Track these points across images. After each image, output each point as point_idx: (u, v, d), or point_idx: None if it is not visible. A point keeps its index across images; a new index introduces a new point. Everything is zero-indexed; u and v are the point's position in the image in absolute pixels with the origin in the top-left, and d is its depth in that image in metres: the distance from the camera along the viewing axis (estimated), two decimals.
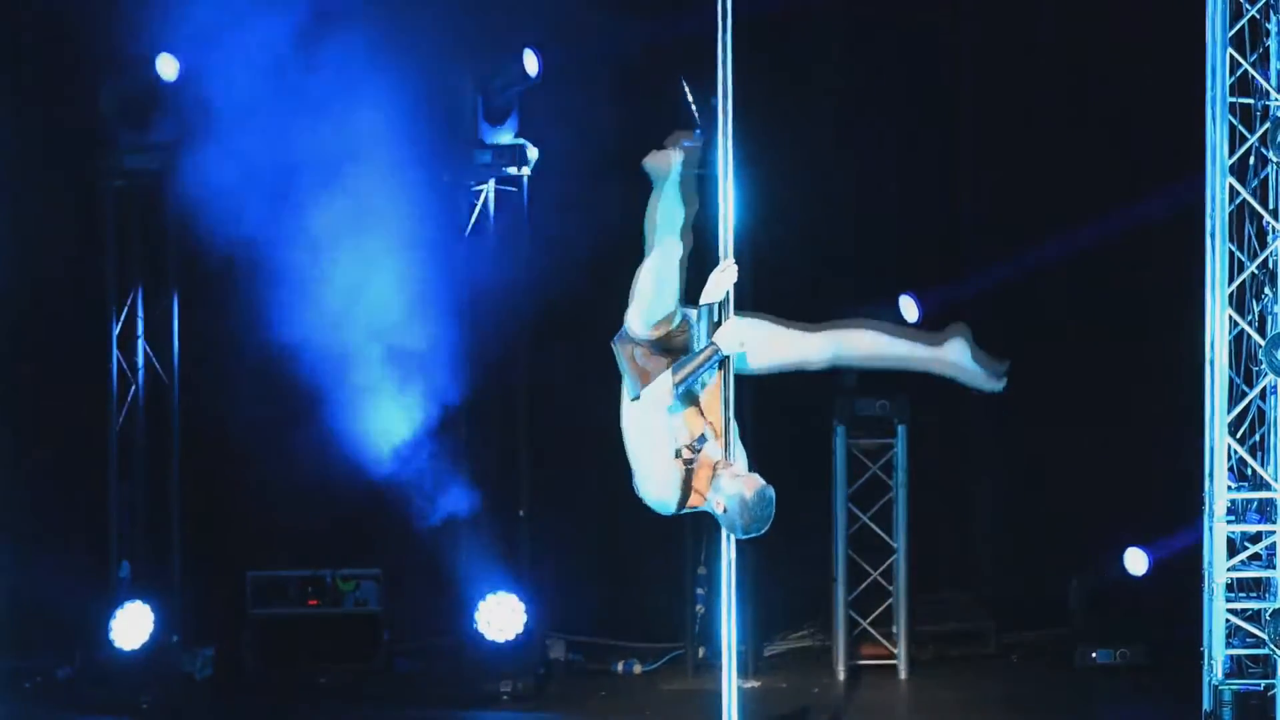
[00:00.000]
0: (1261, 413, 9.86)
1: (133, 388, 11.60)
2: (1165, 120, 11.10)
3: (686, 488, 6.60)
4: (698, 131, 7.27)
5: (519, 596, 11.43)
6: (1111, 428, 12.04)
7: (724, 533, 6.95)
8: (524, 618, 11.40)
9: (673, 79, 10.37)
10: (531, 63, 11.34)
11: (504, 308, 11.72)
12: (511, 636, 11.38)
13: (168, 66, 11.32)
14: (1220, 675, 9.58)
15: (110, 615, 11.26)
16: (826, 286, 11.64)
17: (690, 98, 7.67)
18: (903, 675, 11.57)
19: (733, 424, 6.69)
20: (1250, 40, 9.66)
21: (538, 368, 11.80)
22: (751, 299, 6.96)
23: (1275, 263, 9.71)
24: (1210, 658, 9.63)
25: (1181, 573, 10.63)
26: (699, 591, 11.68)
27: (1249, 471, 9.78)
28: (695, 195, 6.70)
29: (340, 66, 11.61)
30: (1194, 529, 9.90)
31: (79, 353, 11.72)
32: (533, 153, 11.61)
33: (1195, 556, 9.87)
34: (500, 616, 11.38)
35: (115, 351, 11.54)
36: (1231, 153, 9.60)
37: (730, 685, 7.13)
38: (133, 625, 11.25)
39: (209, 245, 11.91)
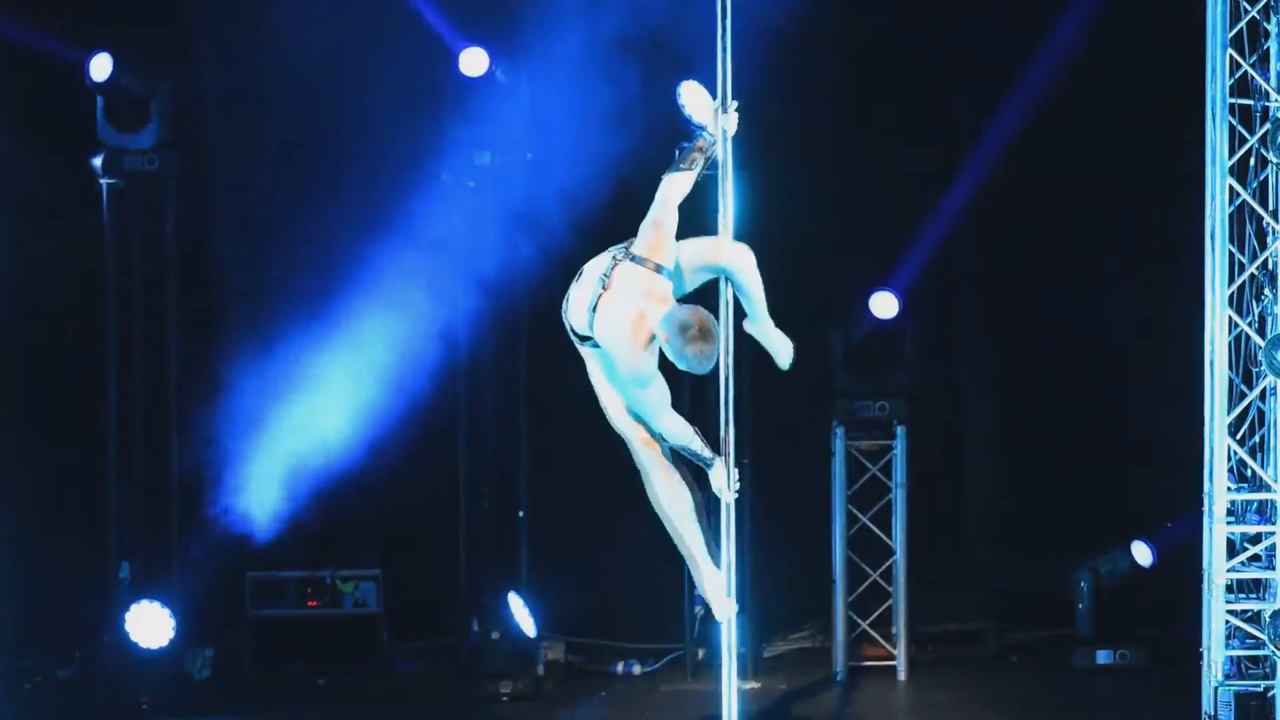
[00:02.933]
0: (1261, 414, 9.84)
1: (133, 387, 11.58)
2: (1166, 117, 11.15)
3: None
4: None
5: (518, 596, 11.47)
6: (1112, 428, 12.04)
7: (724, 533, 6.97)
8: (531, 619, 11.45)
9: (672, 74, 10.37)
10: (476, 63, 11.34)
11: (503, 306, 11.72)
12: (533, 634, 11.42)
13: (101, 66, 11.15)
14: (1220, 676, 9.57)
15: (110, 616, 11.23)
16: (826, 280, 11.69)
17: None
18: (902, 676, 11.56)
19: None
20: (1250, 41, 9.64)
21: (538, 367, 11.80)
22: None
23: (1275, 263, 9.70)
24: (1210, 659, 9.61)
25: (1181, 573, 10.62)
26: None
27: (1249, 473, 9.78)
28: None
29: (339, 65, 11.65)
30: (1193, 529, 9.88)
31: (78, 353, 11.71)
32: (531, 153, 11.60)
33: (1195, 557, 9.86)
34: (520, 616, 11.45)
35: (115, 351, 11.52)
36: (1231, 153, 9.59)
37: (730, 686, 7.15)
38: (151, 627, 11.21)
39: (209, 244, 11.95)
